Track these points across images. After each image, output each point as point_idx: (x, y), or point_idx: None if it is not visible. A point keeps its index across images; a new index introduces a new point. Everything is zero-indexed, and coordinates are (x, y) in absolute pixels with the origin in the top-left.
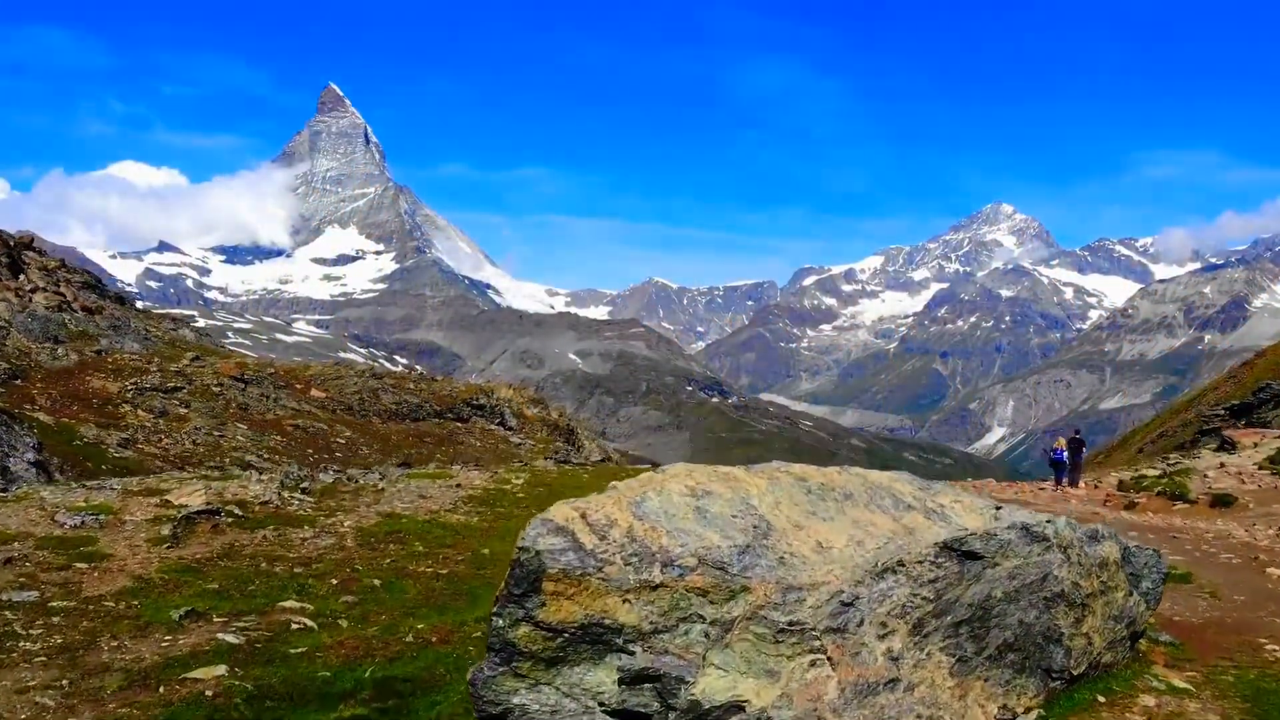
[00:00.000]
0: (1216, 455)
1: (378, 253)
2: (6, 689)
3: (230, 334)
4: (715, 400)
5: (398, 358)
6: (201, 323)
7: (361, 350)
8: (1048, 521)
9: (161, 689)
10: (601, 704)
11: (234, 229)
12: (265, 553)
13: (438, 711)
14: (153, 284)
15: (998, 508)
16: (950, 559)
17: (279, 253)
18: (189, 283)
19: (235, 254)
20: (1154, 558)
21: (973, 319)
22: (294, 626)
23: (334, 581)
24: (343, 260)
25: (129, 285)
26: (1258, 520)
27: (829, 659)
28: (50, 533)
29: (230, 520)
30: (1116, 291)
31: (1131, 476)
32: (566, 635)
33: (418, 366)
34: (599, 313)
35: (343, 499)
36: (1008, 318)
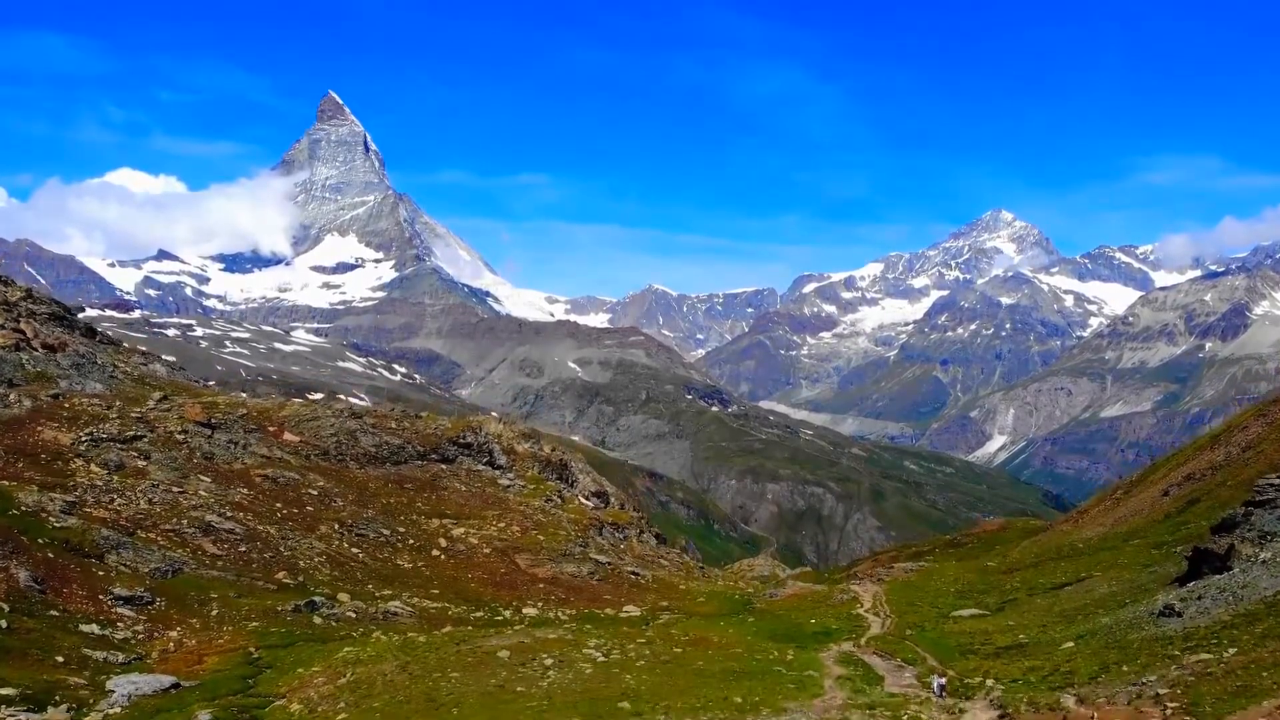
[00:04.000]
0: None
1: (377, 261)
2: None
3: (228, 343)
4: (715, 409)
5: (397, 366)
6: (200, 331)
7: (360, 359)
8: None
9: None
10: None
11: (233, 237)
12: None
13: None
14: (151, 292)
15: None
16: None
17: (278, 261)
18: (188, 291)
19: (235, 262)
20: None
21: (973, 326)
22: None
23: None
24: (342, 268)
25: (128, 293)
26: None
27: None
28: None
29: None
30: (1117, 299)
31: None
32: None
33: (416, 375)
34: (599, 320)
35: None
36: (1008, 325)
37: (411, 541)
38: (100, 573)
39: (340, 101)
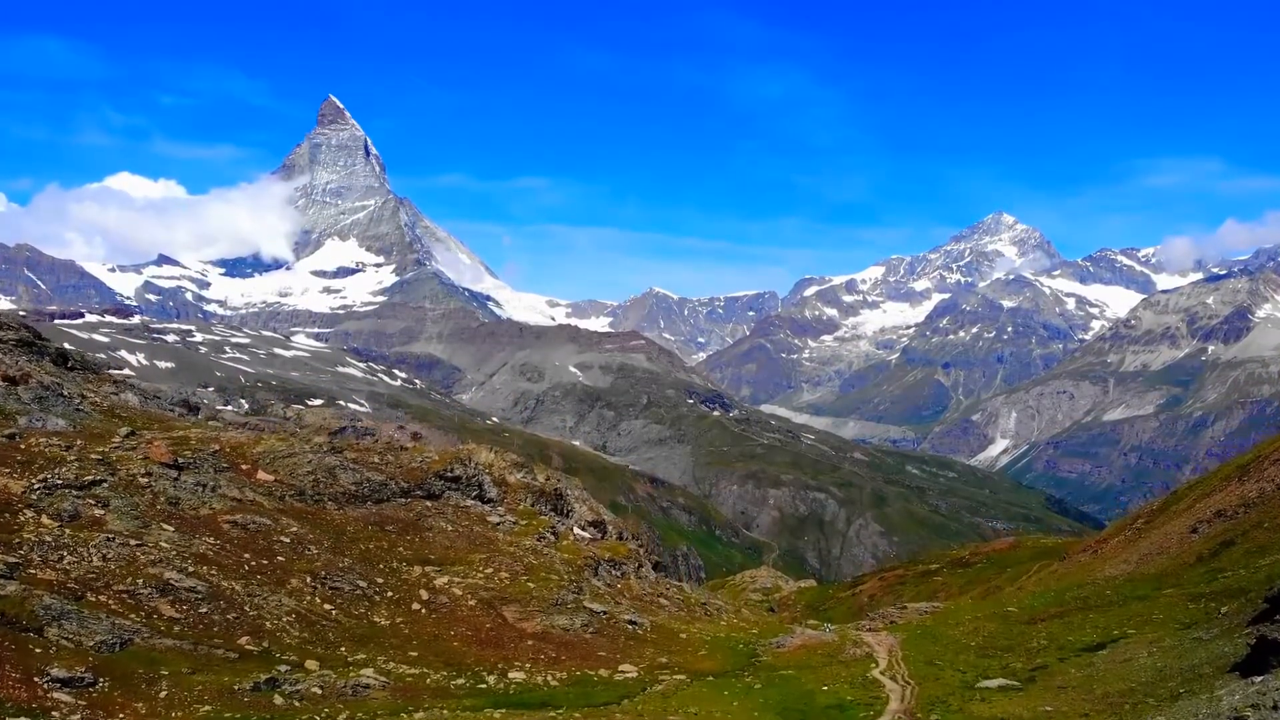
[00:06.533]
0: None
1: (378, 265)
2: None
3: (228, 348)
4: (716, 413)
5: (397, 371)
6: (199, 336)
7: (360, 364)
8: None
9: None
10: None
11: (234, 242)
12: None
13: None
14: (152, 297)
15: None
16: None
17: (279, 265)
18: (188, 295)
19: (235, 267)
20: None
21: (974, 330)
22: None
23: None
24: (342, 273)
25: (128, 298)
26: None
27: None
28: None
29: None
30: (1119, 302)
31: None
32: None
33: (417, 380)
34: (599, 324)
35: None
36: (1010, 328)
37: (390, 594)
38: (38, 650)
39: (340, 105)
